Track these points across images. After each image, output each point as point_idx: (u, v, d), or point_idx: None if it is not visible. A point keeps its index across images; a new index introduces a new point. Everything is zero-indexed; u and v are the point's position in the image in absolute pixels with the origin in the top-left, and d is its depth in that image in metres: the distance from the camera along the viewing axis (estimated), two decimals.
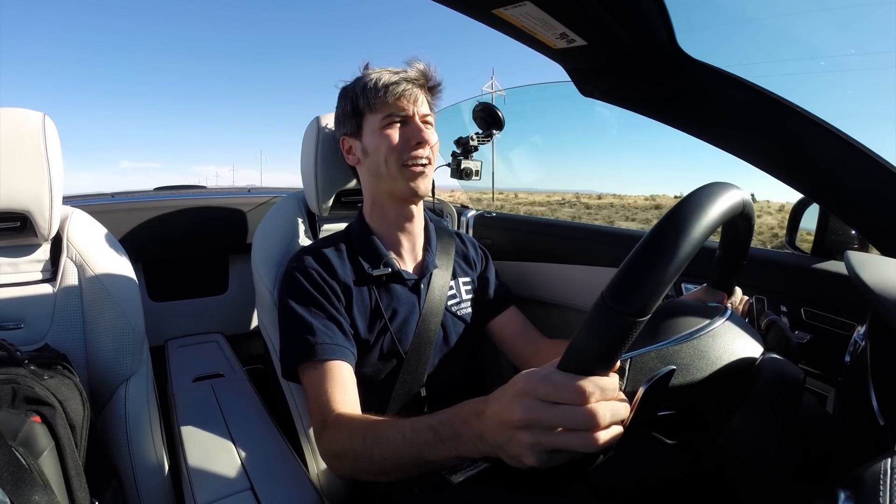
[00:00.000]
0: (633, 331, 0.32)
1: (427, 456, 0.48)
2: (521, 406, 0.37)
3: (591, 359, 0.34)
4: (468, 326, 0.85)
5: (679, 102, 0.61)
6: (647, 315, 0.32)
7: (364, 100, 0.75)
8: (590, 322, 0.34)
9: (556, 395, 0.35)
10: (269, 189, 1.70)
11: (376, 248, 0.79)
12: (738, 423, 0.40)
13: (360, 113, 0.77)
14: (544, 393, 0.36)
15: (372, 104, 0.74)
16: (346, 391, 0.67)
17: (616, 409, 0.35)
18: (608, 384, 0.35)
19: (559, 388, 0.35)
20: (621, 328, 0.32)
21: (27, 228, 0.75)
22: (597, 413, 0.34)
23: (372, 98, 0.74)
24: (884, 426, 0.38)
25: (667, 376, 0.36)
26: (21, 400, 0.59)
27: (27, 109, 0.75)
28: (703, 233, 0.34)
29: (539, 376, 0.37)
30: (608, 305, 0.32)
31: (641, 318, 0.32)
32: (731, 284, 0.57)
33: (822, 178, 0.59)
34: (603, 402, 0.35)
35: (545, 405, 0.36)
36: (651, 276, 0.32)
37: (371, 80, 0.74)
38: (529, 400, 0.36)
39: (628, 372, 0.39)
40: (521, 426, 0.37)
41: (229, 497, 0.64)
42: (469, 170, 1.14)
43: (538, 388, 0.36)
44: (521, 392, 0.37)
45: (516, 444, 0.38)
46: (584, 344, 0.34)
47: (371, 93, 0.74)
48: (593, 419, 0.34)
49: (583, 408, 0.34)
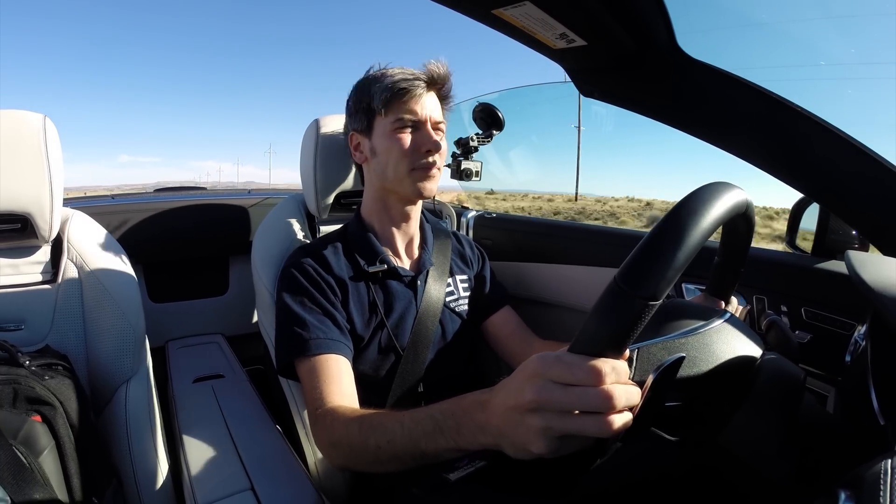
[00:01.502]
0: (645, 314, 0.32)
1: (424, 447, 0.47)
2: (534, 387, 0.36)
3: (604, 341, 0.34)
4: (466, 323, 0.86)
5: (679, 102, 0.61)
6: (659, 300, 0.32)
7: (378, 100, 0.74)
8: (602, 305, 0.34)
9: (571, 375, 0.34)
10: (270, 190, 1.70)
11: (373, 246, 0.79)
12: (739, 423, 0.40)
13: (372, 112, 0.76)
14: (557, 373, 0.35)
15: (384, 106, 0.73)
16: (342, 383, 0.67)
17: (630, 393, 0.34)
18: (621, 366, 0.34)
19: (574, 368, 0.34)
20: (634, 311, 0.32)
21: (28, 230, 0.75)
22: (613, 394, 0.33)
23: (385, 100, 0.73)
24: (884, 426, 0.38)
25: (676, 364, 0.36)
26: (22, 400, 0.59)
27: (28, 111, 0.75)
28: (712, 222, 0.35)
29: (552, 358, 0.36)
30: (621, 288, 0.32)
31: (653, 302, 0.32)
32: (728, 293, 0.58)
33: (822, 177, 0.59)
34: (618, 384, 0.34)
35: (558, 387, 0.35)
36: (664, 260, 0.32)
37: (386, 82, 0.73)
38: (542, 381, 0.35)
39: (636, 362, 0.40)
40: (532, 408, 0.36)
41: (229, 497, 0.64)
42: (469, 170, 1.14)
43: (551, 369, 0.35)
44: (532, 373, 0.36)
45: (525, 429, 0.36)
46: (597, 326, 0.34)
47: (385, 94, 0.73)
48: (609, 400, 0.33)
49: (598, 388, 0.33)
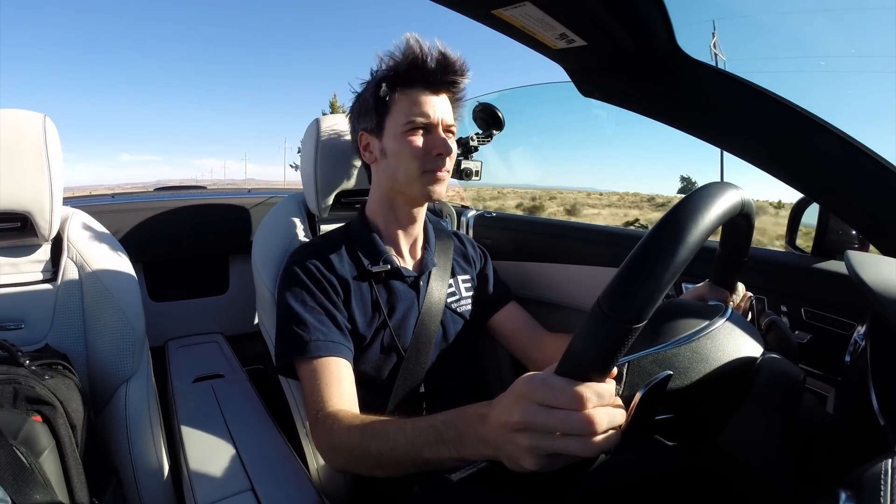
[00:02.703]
0: (628, 338, 0.32)
1: (426, 455, 0.48)
2: (520, 409, 0.37)
3: (588, 365, 0.34)
4: (468, 323, 0.86)
5: (679, 102, 0.61)
6: (643, 321, 0.32)
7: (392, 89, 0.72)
8: (586, 329, 0.34)
9: (554, 399, 0.35)
10: (270, 189, 1.70)
11: (376, 245, 0.79)
12: (738, 424, 0.40)
13: (384, 105, 0.74)
14: (541, 397, 0.36)
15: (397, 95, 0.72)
16: (343, 386, 0.66)
17: (613, 415, 0.35)
18: (605, 390, 0.35)
19: (556, 392, 0.35)
20: (616, 335, 0.32)
21: (28, 229, 0.75)
22: (593, 419, 0.34)
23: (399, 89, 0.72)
24: (884, 426, 0.38)
25: (663, 381, 0.36)
26: (22, 399, 0.59)
27: (28, 111, 0.75)
28: (699, 237, 0.33)
29: (538, 380, 0.37)
30: (604, 313, 0.32)
31: (637, 325, 0.32)
32: (733, 281, 0.57)
33: (823, 177, 0.59)
34: (600, 408, 0.35)
35: (543, 409, 0.36)
36: (646, 283, 0.32)
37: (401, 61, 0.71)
38: (527, 403, 0.37)
39: (625, 377, 0.39)
40: (519, 429, 0.37)
41: (229, 497, 0.64)
42: (469, 170, 1.14)
43: (536, 391, 0.37)
44: (519, 395, 0.38)
45: (515, 447, 0.38)
46: (581, 350, 0.35)
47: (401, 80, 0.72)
48: (590, 425, 0.34)
49: (579, 413, 0.34)
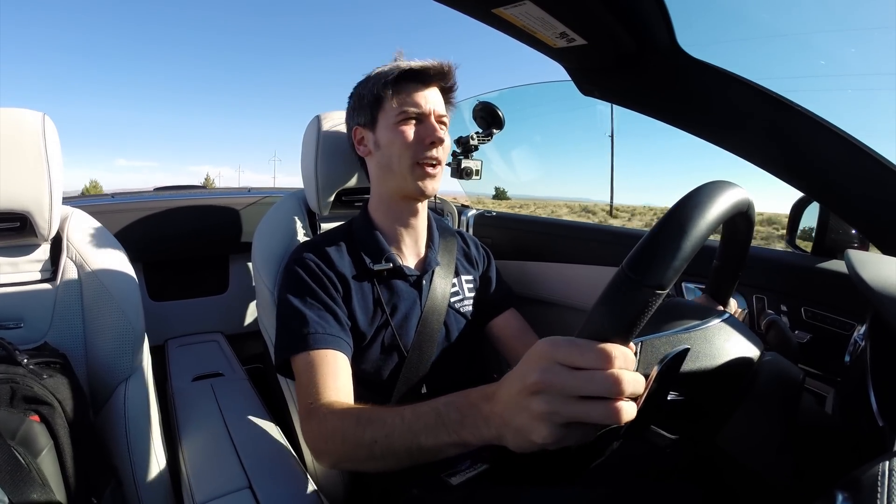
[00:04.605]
0: (652, 303, 0.32)
1: (423, 441, 0.46)
2: (540, 368, 0.35)
3: (612, 327, 0.34)
4: (470, 323, 0.85)
5: (679, 101, 0.61)
6: (666, 289, 0.32)
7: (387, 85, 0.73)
8: (610, 292, 0.33)
9: (580, 357, 0.33)
10: (269, 189, 1.70)
11: (378, 243, 0.79)
12: (738, 423, 0.40)
13: (377, 102, 0.75)
14: (565, 355, 0.34)
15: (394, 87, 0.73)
16: (339, 379, 0.65)
17: (636, 382, 0.34)
18: (629, 354, 0.34)
19: (583, 350, 0.34)
20: (642, 299, 0.32)
21: (27, 228, 0.75)
22: (622, 378, 0.33)
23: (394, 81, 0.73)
24: (883, 427, 0.38)
25: (681, 356, 0.36)
26: (20, 399, 0.59)
27: (27, 109, 0.75)
28: (719, 213, 0.35)
29: (562, 340, 0.35)
30: (629, 276, 0.32)
31: (661, 291, 0.32)
32: (727, 295, 0.58)
33: (823, 177, 0.59)
34: (625, 370, 0.33)
35: (566, 369, 0.34)
36: (671, 250, 0.33)
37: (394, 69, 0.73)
38: (549, 363, 0.35)
39: (640, 355, 0.39)
40: (537, 390, 0.35)
41: (228, 495, 0.64)
42: (469, 169, 1.14)
43: (560, 350, 0.35)
44: (540, 355, 0.36)
45: (528, 414, 0.35)
46: (605, 313, 0.34)
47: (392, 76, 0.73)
48: (618, 384, 0.32)
49: (607, 372, 0.33)
